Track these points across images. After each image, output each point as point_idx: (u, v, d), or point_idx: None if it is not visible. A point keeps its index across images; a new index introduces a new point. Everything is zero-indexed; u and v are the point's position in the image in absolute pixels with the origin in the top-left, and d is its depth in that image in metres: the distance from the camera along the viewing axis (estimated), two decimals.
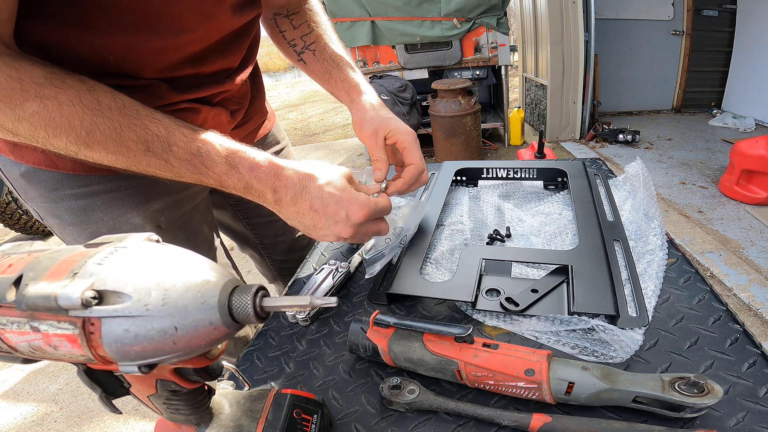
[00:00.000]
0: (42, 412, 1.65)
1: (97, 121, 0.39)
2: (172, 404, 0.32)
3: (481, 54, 3.35)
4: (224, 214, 0.87)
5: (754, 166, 2.37)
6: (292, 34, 0.70)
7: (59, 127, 0.38)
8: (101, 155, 0.41)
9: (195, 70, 0.55)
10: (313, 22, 0.71)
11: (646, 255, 0.59)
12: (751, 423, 0.37)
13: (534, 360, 0.40)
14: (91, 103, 0.39)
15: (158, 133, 0.42)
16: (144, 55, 0.48)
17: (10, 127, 0.38)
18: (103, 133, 0.40)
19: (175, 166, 0.44)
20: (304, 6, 0.70)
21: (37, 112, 0.37)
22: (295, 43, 0.70)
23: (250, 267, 2.11)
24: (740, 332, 0.46)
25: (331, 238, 0.51)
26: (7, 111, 0.37)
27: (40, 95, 0.37)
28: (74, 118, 0.38)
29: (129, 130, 0.41)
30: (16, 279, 0.23)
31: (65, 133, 0.39)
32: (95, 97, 0.40)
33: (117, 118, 0.40)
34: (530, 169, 0.85)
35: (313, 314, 0.58)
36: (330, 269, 0.64)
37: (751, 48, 3.68)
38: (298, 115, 6.57)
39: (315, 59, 0.70)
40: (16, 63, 0.37)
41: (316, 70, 0.70)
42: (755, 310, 1.72)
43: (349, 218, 0.49)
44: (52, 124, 0.38)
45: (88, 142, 0.40)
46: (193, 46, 0.52)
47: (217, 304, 0.24)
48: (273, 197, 0.48)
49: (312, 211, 0.49)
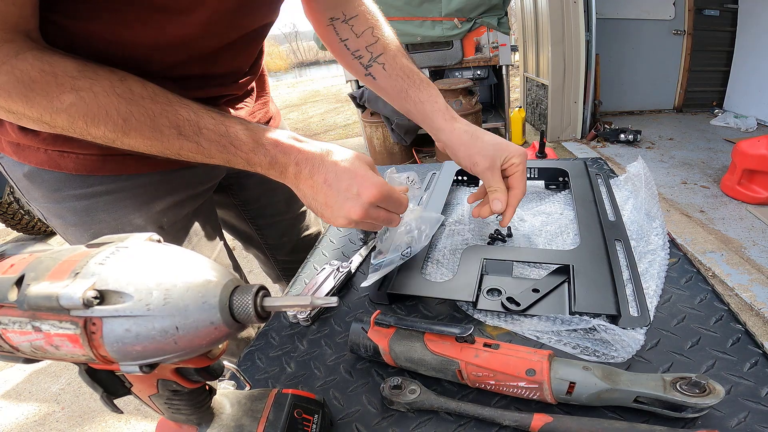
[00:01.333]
0: (44, 411, 1.65)
1: (132, 109, 0.41)
2: (174, 404, 0.32)
3: (482, 54, 3.35)
4: (229, 214, 0.87)
5: (756, 165, 2.36)
6: (356, 43, 0.64)
7: (97, 117, 0.40)
8: (137, 141, 0.43)
9: (204, 70, 0.55)
10: (376, 28, 0.64)
11: (648, 255, 0.58)
12: (753, 423, 0.37)
13: (535, 360, 0.40)
14: (124, 93, 0.41)
15: (188, 117, 0.44)
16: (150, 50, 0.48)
17: (48, 119, 0.39)
18: (138, 120, 0.41)
19: (206, 148, 0.45)
20: (360, 8, 0.65)
21: (74, 104, 0.39)
22: (360, 54, 0.64)
23: (251, 267, 2.11)
24: (742, 332, 0.46)
25: (342, 220, 0.50)
26: (45, 104, 0.38)
27: (75, 87, 0.38)
28: (111, 108, 0.40)
29: (162, 117, 0.42)
30: (18, 279, 0.23)
31: (103, 122, 0.40)
32: (128, 87, 0.41)
33: (150, 105, 0.42)
34: (531, 169, 0.84)
35: (314, 314, 0.58)
36: (331, 269, 0.64)
37: (753, 47, 3.67)
38: (299, 115, 6.58)
39: (386, 75, 0.63)
40: (47, 57, 0.38)
41: (389, 88, 0.64)
42: (757, 310, 1.72)
43: (360, 195, 0.48)
44: (89, 114, 0.39)
45: (125, 129, 0.41)
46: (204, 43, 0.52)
47: (218, 304, 0.24)
48: (294, 170, 0.48)
49: (326, 185, 0.48)
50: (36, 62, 0.37)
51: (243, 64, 0.61)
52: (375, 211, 0.50)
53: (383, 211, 0.51)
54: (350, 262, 0.67)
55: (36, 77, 0.37)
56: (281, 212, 0.88)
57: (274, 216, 0.88)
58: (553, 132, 3.85)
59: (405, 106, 0.65)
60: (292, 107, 7.20)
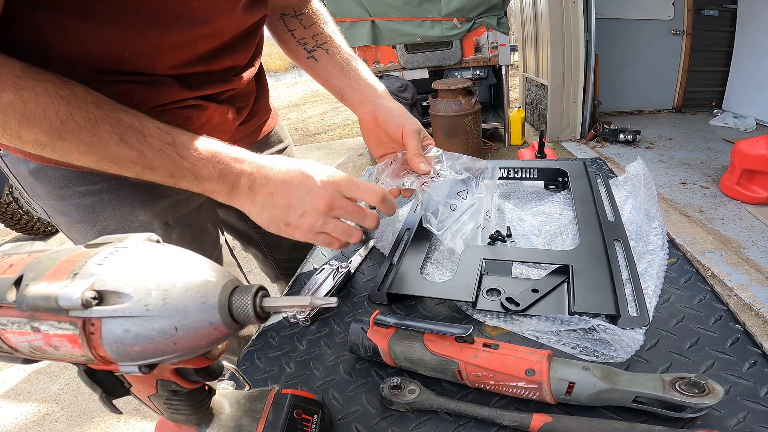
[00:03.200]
0: (43, 412, 1.65)
1: (72, 111, 0.39)
2: (173, 404, 0.32)
3: (482, 54, 3.35)
4: (228, 213, 0.87)
5: (755, 165, 2.37)
6: (303, 33, 0.69)
7: (33, 117, 0.38)
8: (73, 146, 0.41)
9: (206, 68, 0.55)
10: (323, 23, 0.71)
11: (647, 255, 0.59)
12: (752, 423, 0.37)
13: (534, 360, 0.40)
14: (67, 95, 0.39)
15: (132, 124, 0.43)
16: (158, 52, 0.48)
17: None
18: (77, 124, 0.40)
19: (149, 157, 0.43)
20: (307, 8, 0.70)
21: (12, 103, 0.37)
22: (305, 41, 0.69)
23: (250, 267, 2.11)
24: (741, 332, 0.46)
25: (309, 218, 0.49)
26: None
27: (17, 86, 0.37)
28: (50, 109, 0.39)
29: (104, 122, 0.41)
30: (17, 279, 0.23)
31: (38, 124, 0.39)
32: (71, 90, 0.40)
33: (92, 109, 0.41)
34: (531, 169, 0.84)
35: (313, 314, 0.58)
36: (330, 269, 0.64)
37: (752, 48, 3.68)
38: (298, 115, 6.58)
39: (328, 56, 0.69)
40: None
41: (330, 66, 0.69)
42: (756, 310, 1.72)
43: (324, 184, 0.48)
44: (26, 114, 0.38)
45: (61, 132, 0.39)
46: (205, 43, 0.52)
47: (217, 304, 0.24)
48: (248, 181, 0.47)
49: (284, 184, 0.48)
50: None
51: (241, 60, 0.61)
52: (342, 201, 0.50)
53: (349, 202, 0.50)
54: (349, 262, 0.66)
55: None
56: None
57: None
58: (552, 132, 3.85)
59: (344, 80, 0.68)
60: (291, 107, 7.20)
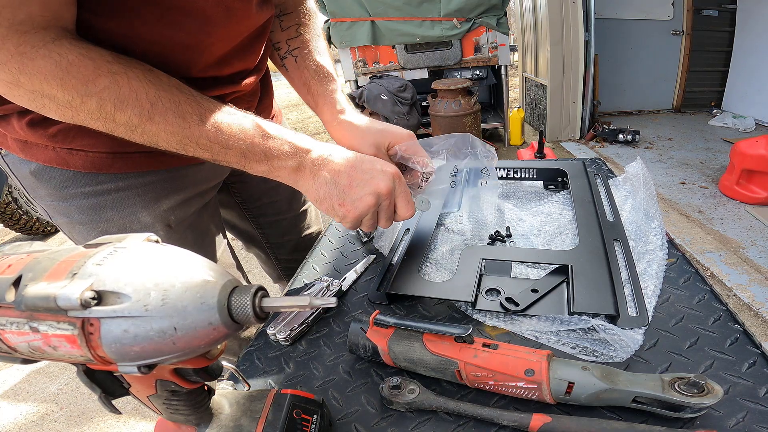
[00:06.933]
0: (42, 412, 1.65)
1: (160, 94, 0.43)
2: (172, 404, 0.32)
3: (481, 54, 3.35)
4: (231, 213, 0.87)
5: (755, 165, 2.37)
6: (278, 35, 0.67)
7: (127, 100, 0.41)
8: (160, 127, 0.44)
9: (217, 72, 0.56)
10: (302, 25, 0.67)
11: (646, 255, 0.59)
12: (751, 423, 0.37)
13: (534, 360, 0.40)
14: (154, 79, 0.43)
15: (209, 107, 0.46)
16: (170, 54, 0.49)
17: (78, 103, 0.40)
18: (164, 106, 0.43)
19: (226, 135, 0.46)
20: (299, 7, 0.68)
21: (107, 87, 0.40)
22: (279, 46, 0.67)
23: (250, 267, 2.11)
24: (740, 332, 0.46)
25: (370, 198, 0.51)
26: (79, 87, 0.39)
27: (111, 71, 0.40)
28: (141, 92, 0.41)
29: (186, 104, 0.44)
30: (16, 279, 0.23)
31: (131, 106, 0.41)
32: (156, 75, 0.43)
33: (176, 92, 0.44)
34: (530, 169, 0.85)
35: (294, 334, 0.54)
36: (320, 287, 0.61)
37: (751, 48, 3.68)
38: (298, 115, 6.57)
39: (296, 66, 0.66)
40: (83, 44, 0.39)
41: (296, 78, 0.67)
42: (755, 309, 1.72)
43: (385, 171, 0.52)
44: (120, 97, 0.41)
45: (151, 113, 0.42)
46: (218, 47, 0.52)
47: (217, 304, 0.24)
48: (315, 155, 0.51)
49: (348, 166, 0.51)
50: (73, 48, 0.38)
51: (250, 63, 0.61)
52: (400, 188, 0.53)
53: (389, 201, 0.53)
54: (342, 280, 0.64)
55: (74, 60, 0.38)
56: (282, 211, 0.89)
57: (276, 215, 0.88)
58: (551, 132, 3.85)
59: (306, 98, 0.68)
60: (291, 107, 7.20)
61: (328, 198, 0.52)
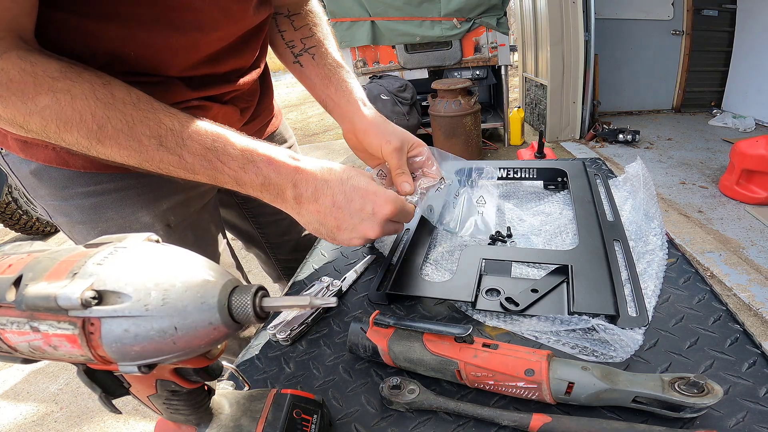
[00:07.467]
0: (42, 412, 1.65)
1: (109, 114, 0.39)
2: (172, 404, 0.32)
3: (481, 54, 3.35)
4: (230, 213, 0.87)
5: (754, 165, 2.37)
6: (292, 35, 0.68)
7: (70, 121, 0.38)
8: (113, 150, 0.41)
9: (211, 70, 0.55)
10: (314, 25, 0.69)
11: (646, 255, 0.59)
12: (751, 423, 0.37)
13: (534, 360, 0.40)
14: (105, 97, 0.39)
15: (172, 127, 0.42)
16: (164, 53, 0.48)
17: (21, 121, 0.38)
18: (114, 128, 0.39)
19: (189, 162, 0.43)
20: (305, 7, 0.69)
21: (48, 106, 0.37)
22: (294, 44, 0.68)
23: (250, 267, 2.11)
24: (740, 332, 0.46)
25: (357, 241, 0.49)
26: (19, 105, 0.37)
27: (53, 89, 0.37)
28: (86, 112, 0.38)
29: (142, 125, 0.40)
30: (16, 279, 0.23)
31: (76, 128, 0.38)
32: (110, 91, 0.39)
33: (130, 112, 0.40)
34: (530, 169, 0.84)
35: (294, 334, 0.54)
36: (320, 287, 0.61)
37: (751, 48, 3.68)
38: (298, 115, 6.57)
39: (314, 63, 0.67)
40: (32, 57, 0.37)
41: (314, 75, 0.68)
42: (755, 309, 1.72)
43: (376, 214, 0.47)
44: (63, 117, 0.38)
45: (99, 136, 0.39)
46: (213, 45, 0.52)
47: (217, 304, 0.24)
48: (293, 193, 0.46)
49: (335, 208, 0.47)
50: (18, 61, 0.36)
51: (246, 61, 0.61)
52: (389, 226, 0.50)
53: (393, 224, 0.51)
54: (342, 280, 0.63)
55: (14, 76, 0.36)
56: (282, 210, 0.89)
57: (275, 214, 0.88)
58: (551, 132, 3.85)
59: (326, 92, 0.67)
60: (291, 107, 7.19)
61: (318, 233, 0.51)
